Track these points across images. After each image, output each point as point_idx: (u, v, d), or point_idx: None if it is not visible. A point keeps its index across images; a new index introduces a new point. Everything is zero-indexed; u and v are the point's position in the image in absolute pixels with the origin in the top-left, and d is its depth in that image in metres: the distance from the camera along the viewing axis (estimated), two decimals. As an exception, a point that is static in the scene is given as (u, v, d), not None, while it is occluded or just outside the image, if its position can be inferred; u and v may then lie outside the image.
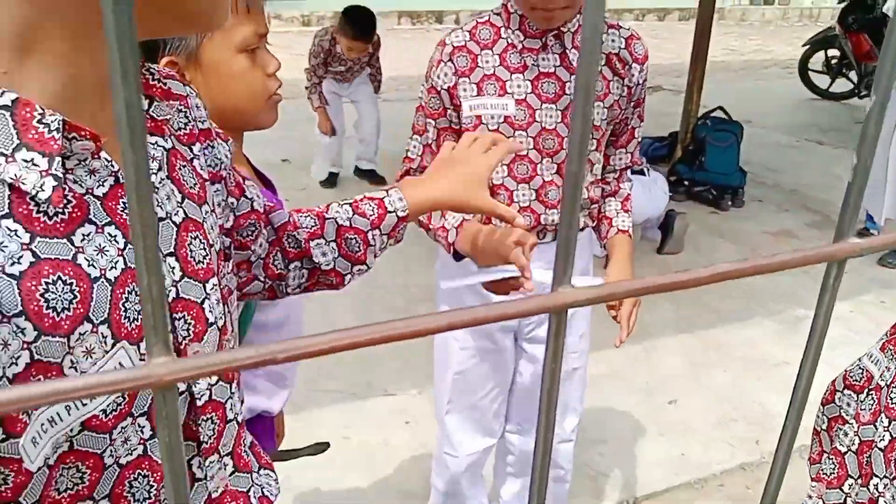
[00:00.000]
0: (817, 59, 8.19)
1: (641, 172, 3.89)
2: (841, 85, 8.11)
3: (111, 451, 0.61)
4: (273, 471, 0.88)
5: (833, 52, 7.99)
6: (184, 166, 0.70)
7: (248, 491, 0.79)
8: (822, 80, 8.22)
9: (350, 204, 0.98)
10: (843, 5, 7.62)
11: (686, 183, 4.96)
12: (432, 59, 1.51)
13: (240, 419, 0.77)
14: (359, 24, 4.30)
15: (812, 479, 0.97)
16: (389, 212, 0.97)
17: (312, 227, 0.94)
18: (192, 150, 0.73)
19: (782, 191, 5.19)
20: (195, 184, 0.71)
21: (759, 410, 2.70)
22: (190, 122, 0.73)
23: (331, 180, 4.97)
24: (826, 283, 0.29)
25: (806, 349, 0.32)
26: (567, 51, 1.46)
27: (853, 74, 7.95)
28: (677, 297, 3.59)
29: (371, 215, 0.96)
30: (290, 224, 0.93)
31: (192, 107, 0.75)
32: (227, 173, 0.81)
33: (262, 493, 0.83)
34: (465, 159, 1.04)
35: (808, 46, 8.09)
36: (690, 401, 2.79)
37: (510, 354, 1.77)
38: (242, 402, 0.82)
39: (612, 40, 1.52)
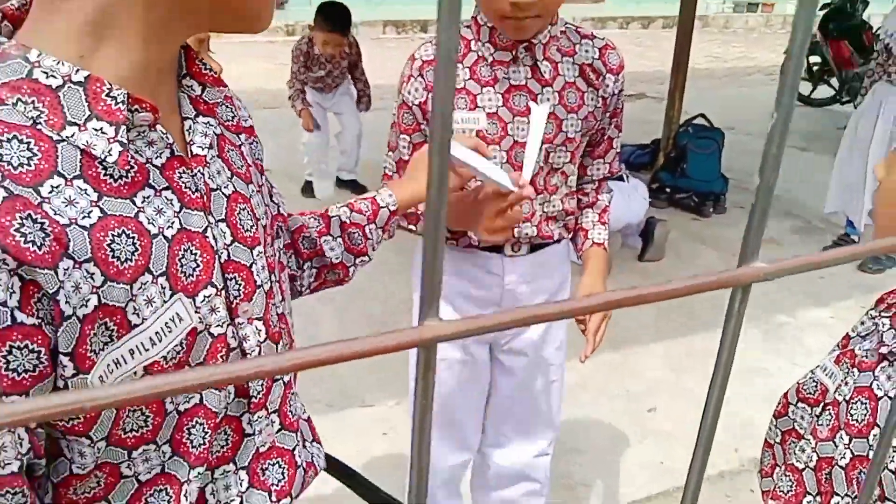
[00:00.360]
0: (799, 66, 8.24)
1: (621, 179, 3.89)
2: (823, 91, 8.17)
3: (172, 397, 0.68)
4: (321, 446, 0.96)
5: (814, 58, 8.04)
6: (232, 150, 0.78)
7: (294, 450, 0.85)
8: (804, 87, 8.27)
9: (346, 205, 1.09)
10: (823, 12, 7.68)
11: (668, 190, 4.98)
12: (403, 74, 1.48)
13: (285, 379, 0.84)
14: (332, 16, 4.25)
15: (765, 495, 0.96)
16: (381, 207, 1.09)
17: (318, 226, 1.04)
18: (239, 138, 0.82)
19: (764, 197, 5.20)
20: (242, 165, 0.79)
21: (739, 418, 2.69)
22: (236, 116, 0.83)
23: (312, 190, 4.95)
24: (731, 309, 0.28)
25: (713, 376, 0.30)
26: (538, 62, 1.44)
27: (834, 81, 8.01)
28: (657, 304, 3.59)
29: (366, 211, 1.08)
30: (303, 226, 1.03)
31: (237, 106, 0.84)
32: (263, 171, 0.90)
33: (312, 460, 0.91)
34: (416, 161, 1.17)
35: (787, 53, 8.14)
36: (670, 408, 2.78)
37: (486, 366, 1.75)
38: None
39: (586, 51, 1.49)
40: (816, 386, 0.91)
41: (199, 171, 0.71)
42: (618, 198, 3.75)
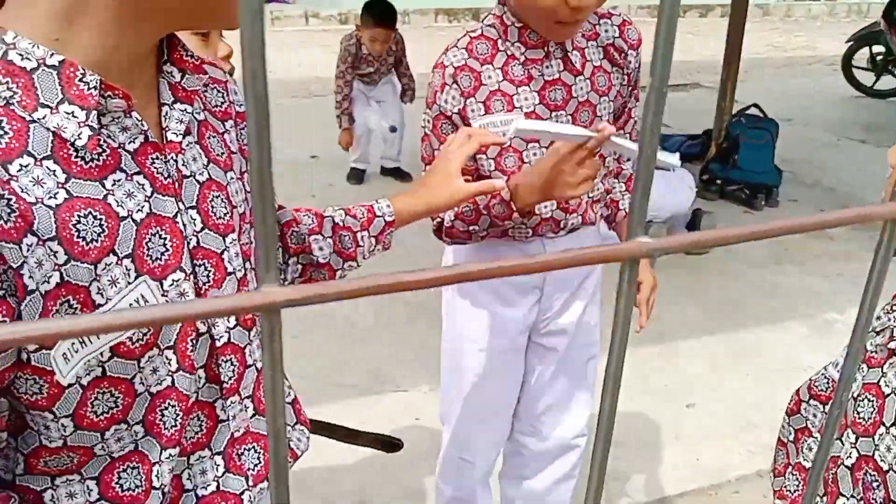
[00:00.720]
0: (862, 56, 7.95)
1: (666, 168, 3.79)
2: (886, 82, 7.86)
3: (141, 378, 0.70)
4: (308, 429, 0.97)
5: (878, 48, 7.74)
6: (213, 136, 0.79)
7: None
8: (866, 78, 7.97)
9: (343, 209, 1.09)
10: (888, 0, 7.38)
11: (719, 182, 4.85)
12: (433, 84, 1.43)
13: (259, 366, 0.83)
14: (377, 11, 4.38)
15: (776, 494, 0.92)
16: (377, 216, 1.08)
17: (311, 224, 1.05)
18: (224, 125, 0.82)
19: (821, 190, 5.05)
20: (223, 153, 0.80)
21: (781, 417, 2.62)
22: (226, 102, 0.83)
23: (358, 177, 4.98)
24: (621, 284, 0.26)
25: (607, 366, 0.29)
26: (569, 53, 1.42)
27: (900, 71, 7.70)
28: (703, 298, 3.51)
29: (361, 217, 1.08)
30: (293, 220, 1.03)
31: (231, 91, 0.85)
32: None
33: (290, 444, 0.91)
34: (439, 164, 1.15)
35: (851, 42, 7.85)
36: (710, 405, 2.72)
37: (523, 354, 1.73)
38: None
39: (606, 30, 1.48)
40: (828, 383, 0.87)
41: (172, 157, 0.72)
42: (662, 186, 3.70)
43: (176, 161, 0.72)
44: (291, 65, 9.29)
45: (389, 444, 1.40)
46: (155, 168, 0.70)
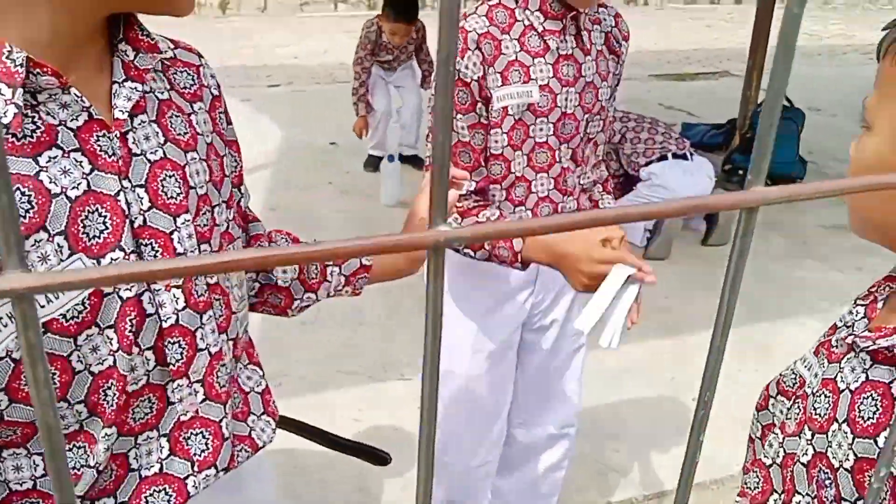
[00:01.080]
0: (898, 44, 7.73)
1: (684, 157, 3.74)
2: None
3: (79, 356, 0.69)
4: (274, 420, 0.96)
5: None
6: (176, 116, 0.79)
7: (220, 421, 0.85)
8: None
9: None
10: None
11: (741, 172, 4.77)
12: None
13: (213, 350, 0.82)
14: (399, 6, 4.38)
15: (739, 492, 0.90)
16: None
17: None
18: (191, 107, 0.82)
19: (846, 182, 4.94)
20: (185, 133, 0.79)
21: (789, 412, 2.58)
22: (196, 84, 0.84)
23: (375, 164, 4.98)
24: (428, 276, 0.26)
25: (424, 355, 0.28)
26: (581, 31, 1.43)
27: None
28: (718, 291, 3.45)
29: None
30: (264, 236, 1.01)
31: (204, 75, 0.86)
32: (237, 150, 0.91)
33: (249, 433, 0.91)
34: (411, 217, 1.09)
35: (888, 30, 7.64)
36: (716, 400, 2.67)
37: (516, 350, 1.73)
38: (233, 339, 0.88)
39: (605, 18, 1.49)
40: (796, 378, 0.86)
41: (116, 134, 0.71)
42: (679, 175, 3.64)
43: (126, 139, 0.72)
44: (318, 51, 9.32)
45: (376, 456, 1.37)
46: (99, 145, 0.69)
